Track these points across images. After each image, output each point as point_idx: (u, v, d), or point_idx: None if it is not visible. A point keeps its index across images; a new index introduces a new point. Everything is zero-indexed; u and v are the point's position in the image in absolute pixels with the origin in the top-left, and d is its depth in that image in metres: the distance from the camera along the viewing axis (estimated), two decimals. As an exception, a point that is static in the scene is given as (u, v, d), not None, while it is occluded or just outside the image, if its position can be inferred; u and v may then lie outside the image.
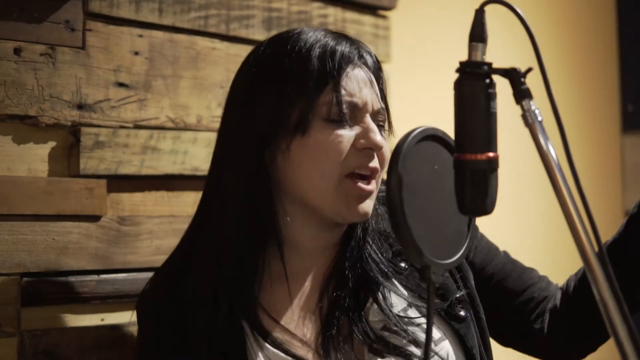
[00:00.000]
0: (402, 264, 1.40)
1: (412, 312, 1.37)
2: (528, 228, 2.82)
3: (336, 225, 1.39)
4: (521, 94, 1.09)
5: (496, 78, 1.13)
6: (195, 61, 1.76)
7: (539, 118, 1.08)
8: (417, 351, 1.32)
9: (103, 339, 1.58)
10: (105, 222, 1.60)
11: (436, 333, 1.35)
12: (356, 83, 1.36)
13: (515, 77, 1.10)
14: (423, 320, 1.36)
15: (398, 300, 1.37)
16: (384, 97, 1.42)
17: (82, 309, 1.58)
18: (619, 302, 1.01)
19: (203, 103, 1.77)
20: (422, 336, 1.33)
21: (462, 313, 1.38)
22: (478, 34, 1.11)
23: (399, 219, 1.20)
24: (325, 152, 1.33)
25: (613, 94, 3.21)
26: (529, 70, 1.11)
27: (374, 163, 1.35)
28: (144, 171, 1.67)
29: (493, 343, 1.47)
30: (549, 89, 1.08)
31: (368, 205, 1.37)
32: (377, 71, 1.41)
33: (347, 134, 1.34)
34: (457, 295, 1.39)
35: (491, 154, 1.10)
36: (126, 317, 1.62)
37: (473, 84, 1.11)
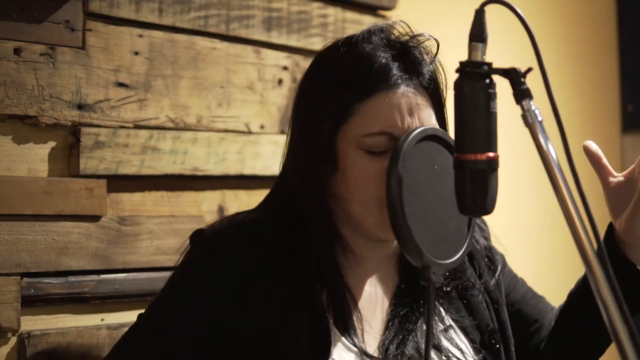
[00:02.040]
0: (448, 288, 1.40)
1: (453, 333, 1.37)
2: (527, 228, 2.82)
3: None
4: (521, 94, 1.09)
5: (496, 78, 1.13)
6: (195, 61, 1.76)
7: (539, 118, 1.08)
8: None
9: (103, 339, 1.58)
10: (105, 222, 1.60)
11: None
12: (397, 112, 1.31)
13: (515, 77, 1.10)
14: (460, 342, 1.37)
15: (439, 320, 1.38)
16: (440, 113, 1.37)
17: (82, 309, 1.58)
18: (619, 302, 1.01)
19: (203, 103, 1.77)
20: (459, 357, 1.35)
21: (497, 345, 1.39)
22: (478, 34, 1.11)
23: (399, 219, 1.20)
24: (361, 182, 1.30)
25: (613, 94, 3.21)
26: (529, 70, 1.11)
27: None
28: (144, 171, 1.67)
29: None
30: (549, 89, 1.08)
31: None
32: (433, 88, 1.36)
33: (382, 164, 1.28)
34: (490, 328, 1.40)
35: (491, 154, 1.10)
36: (126, 317, 1.62)
37: (473, 84, 1.11)
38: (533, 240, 2.83)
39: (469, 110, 1.11)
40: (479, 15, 1.11)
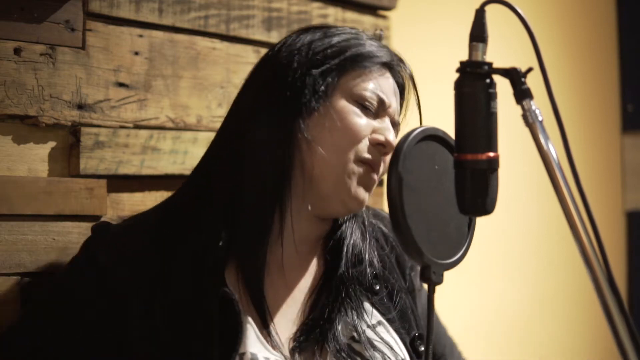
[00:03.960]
0: (377, 287, 1.42)
1: (381, 329, 1.39)
2: (527, 228, 2.82)
3: (327, 219, 1.42)
4: (521, 94, 1.09)
5: (496, 78, 1.13)
6: (195, 61, 1.76)
7: (539, 118, 1.09)
8: None
9: (103, 339, 1.58)
10: (105, 222, 1.60)
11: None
12: (390, 88, 1.41)
13: (515, 77, 1.10)
14: (389, 338, 1.38)
15: (368, 316, 1.39)
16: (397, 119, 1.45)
17: (82, 309, 1.58)
18: (619, 302, 1.01)
19: (203, 103, 1.77)
20: (387, 353, 1.35)
21: (421, 348, 1.42)
22: (478, 34, 1.11)
23: (399, 219, 1.20)
24: (343, 128, 1.35)
25: (613, 94, 3.21)
26: (529, 70, 1.11)
27: (382, 161, 1.38)
28: (144, 171, 1.67)
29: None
30: (549, 88, 1.08)
31: (366, 196, 1.39)
32: (405, 93, 1.47)
33: (368, 122, 1.37)
34: (415, 333, 1.43)
35: (491, 154, 1.10)
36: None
37: (473, 83, 1.11)
38: (533, 240, 2.83)
39: (469, 110, 1.11)
40: (480, 15, 1.12)
